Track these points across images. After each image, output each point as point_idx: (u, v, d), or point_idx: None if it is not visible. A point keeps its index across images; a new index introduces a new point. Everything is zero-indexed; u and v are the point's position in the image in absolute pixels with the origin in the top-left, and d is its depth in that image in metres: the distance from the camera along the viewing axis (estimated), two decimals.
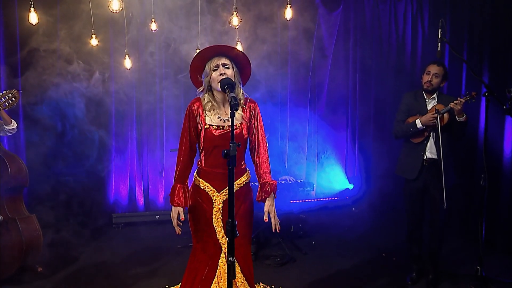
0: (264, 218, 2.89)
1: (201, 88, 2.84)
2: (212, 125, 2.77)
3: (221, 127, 2.78)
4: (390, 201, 6.27)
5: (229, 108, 2.71)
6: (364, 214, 6.29)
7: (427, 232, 4.20)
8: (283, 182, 5.42)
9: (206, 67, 2.78)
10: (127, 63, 4.92)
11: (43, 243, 4.26)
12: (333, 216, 6.10)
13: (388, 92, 6.46)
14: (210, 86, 2.79)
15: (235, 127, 2.66)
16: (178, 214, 2.82)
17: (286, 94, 6.50)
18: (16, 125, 4.18)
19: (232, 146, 2.31)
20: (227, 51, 2.78)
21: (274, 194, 2.93)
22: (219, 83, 2.65)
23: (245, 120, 2.83)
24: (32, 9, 3.88)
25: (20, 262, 3.95)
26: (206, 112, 2.80)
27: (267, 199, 2.89)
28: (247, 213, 2.90)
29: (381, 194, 6.34)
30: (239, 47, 4.76)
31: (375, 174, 6.51)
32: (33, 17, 3.94)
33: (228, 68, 2.74)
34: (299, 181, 5.61)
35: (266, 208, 2.89)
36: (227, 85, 2.55)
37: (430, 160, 4.04)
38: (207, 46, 2.82)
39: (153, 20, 4.67)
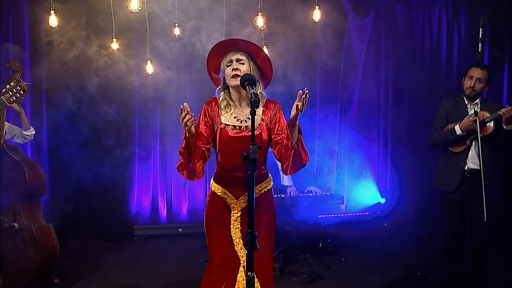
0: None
1: (219, 87, 2.65)
2: (228, 125, 2.56)
3: (237, 127, 2.56)
4: (425, 216, 5.92)
5: (248, 106, 2.54)
6: (397, 230, 5.94)
7: (467, 250, 3.86)
8: (310, 194, 5.17)
9: (222, 63, 2.60)
10: (149, 68, 4.80)
11: (61, 254, 4.12)
12: (364, 231, 5.78)
13: (422, 101, 6.19)
14: (226, 84, 2.60)
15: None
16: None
17: (315, 103, 6.27)
18: (34, 132, 4.17)
19: (252, 148, 2.09)
20: (245, 47, 2.58)
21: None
22: (232, 79, 2.48)
23: (264, 122, 2.59)
24: (52, 12, 3.81)
25: (35, 272, 3.81)
26: (222, 111, 2.59)
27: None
28: (268, 223, 2.64)
29: (416, 208, 6.00)
30: (265, 50, 4.56)
31: (409, 187, 6.18)
32: (53, 20, 3.88)
33: (243, 63, 2.54)
34: (328, 193, 5.33)
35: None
36: (248, 81, 2.32)
37: (472, 171, 3.72)
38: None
39: (176, 24, 4.54)
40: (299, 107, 2.35)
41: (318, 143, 6.28)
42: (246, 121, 2.57)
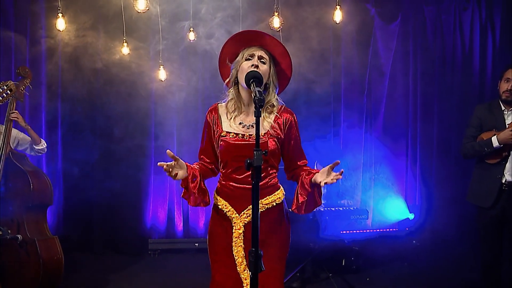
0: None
1: (227, 80, 2.40)
2: (230, 132, 2.31)
3: (240, 135, 2.29)
4: (459, 233, 5.56)
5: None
6: (427, 248, 5.56)
7: (507, 271, 3.49)
8: (333, 208, 4.91)
9: (239, 55, 2.32)
10: (162, 74, 4.64)
11: (73, 267, 3.96)
12: (390, 249, 5.42)
13: (453, 109, 5.85)
14: (237, 79, 2.33)
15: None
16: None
17: (339, 113, 6.00)
18: (45, 145, 4.07)
19: (257, 154, 1.83)
20: (271, 44, 2.33)
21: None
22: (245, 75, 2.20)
23: (273, 130, 2.32)
24: (60, 15, 3.72)
25: (39, 286, 3.63)
26: (224, 117, 2.36)
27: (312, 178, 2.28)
28: (278, 242, 2.34)
29: (448, 224, 5.63)
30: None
31: (440, 202, 5.80)
32: (60, 23, 3.81)
33: (264, 63, 2.29)
34: (351, 208, 5.05)
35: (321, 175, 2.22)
36: (253, 79, 2.09)
37: (510, 183, 3.38)
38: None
39: (191, 29, 4.37)
40: (326, 182, 2.16)
41: (343, 153, 5.98)
42: (253, 126, 2.31)
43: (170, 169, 2.17)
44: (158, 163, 2.14)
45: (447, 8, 5.88)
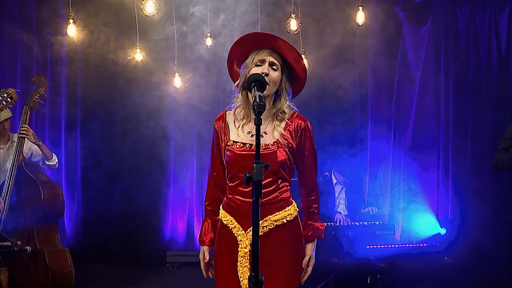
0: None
1: (237, 83, 2.22)
2: (236, 142, 2.13)
3: (247, 145, 2.11)
4: (496, 250, 5.19)
5: (267, 118, 2.16)
6: (460, 265, 5.16)
7: None
8: (357, 223, 4.65)
9: (249, 58, 2.14)
10: (177, 81, 4.54)
11: (89, 279, 4.03)
12: (420, 266, 5.08)
13: (488, 119, 5.51)
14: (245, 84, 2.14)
15: (265, 146, 2.02)
16: (204, 254, 2.34)
17: (365, 123, 5.75)
18: (56, 160, 4.06)
19: (257, 167, 1.65)
20: (284, 49, 2.13)
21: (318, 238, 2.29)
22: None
23: (284, 138, 2.13)
24: (70, 21, 3.70)
25: None
26: (231, 125, 2.19)
27: (306, 245, 2.25)
28: (288, 263, 2.14)
29: (484, 241, 5.28)
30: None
31: (475, 216, 5.45)
32: (71, 30, 3.81)
33: (275, 69, 2.11)
34: (377, 223, 4.78)
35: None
36: (255, 83, 1.89)
37: None
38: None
39: (208, 35, 4.25)
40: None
41: (370, 166, 5.72)
42: (262, 136, 2.12)
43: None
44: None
45: (481, 9, 5.57)
